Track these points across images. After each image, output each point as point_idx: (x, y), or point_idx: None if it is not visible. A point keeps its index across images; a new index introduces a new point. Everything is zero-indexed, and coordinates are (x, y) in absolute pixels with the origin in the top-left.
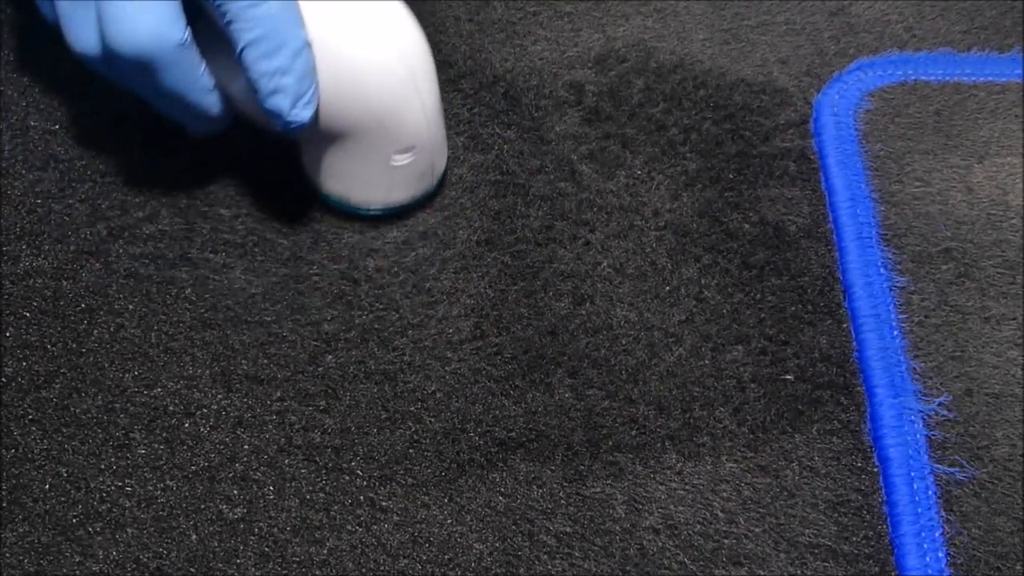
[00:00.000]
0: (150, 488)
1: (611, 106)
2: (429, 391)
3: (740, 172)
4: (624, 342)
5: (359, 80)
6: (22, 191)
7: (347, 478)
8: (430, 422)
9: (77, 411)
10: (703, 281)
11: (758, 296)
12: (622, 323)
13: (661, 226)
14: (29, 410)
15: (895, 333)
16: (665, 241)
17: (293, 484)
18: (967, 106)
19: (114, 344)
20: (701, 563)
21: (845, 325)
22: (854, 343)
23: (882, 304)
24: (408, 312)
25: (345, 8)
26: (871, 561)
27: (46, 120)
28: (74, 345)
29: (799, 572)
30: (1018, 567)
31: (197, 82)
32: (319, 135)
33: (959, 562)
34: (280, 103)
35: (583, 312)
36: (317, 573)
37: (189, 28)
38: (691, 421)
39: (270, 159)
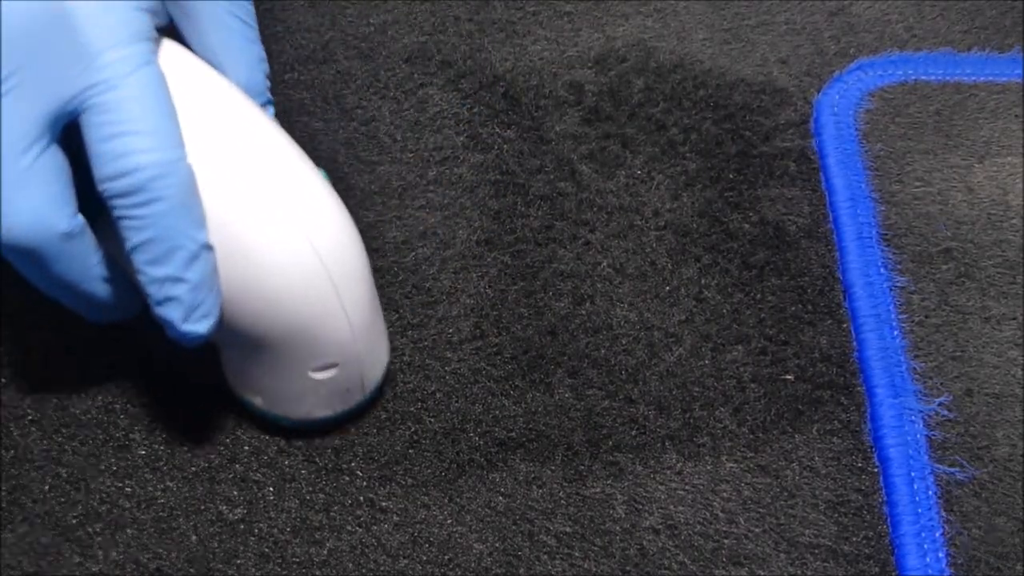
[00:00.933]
0: (150, 488)
1: (611, 106)
2: (429, 391)
3: (740, 172)
4: (624, 342)
5: (269, 287)
6: None
7: (347, 478)
8: (430, 422)
9: (77, 411)
10: (703, 281)
11: (758, 296)
12: (622, 323)
13: (661, 226)
14: (29, 410)
15: (895, 333)
16: (665, 241)
17: (293, 484)
18: (967, 106)
19: (114, 344)
20: (701, 563)
21: (845, 325)
22: (854, 343)
23: (882, 304)
24: (408, 312)
25: (256, 200)
26: (871, 561)
27: None
28: (74, 345)
29: (799, 572)
30: (1018, 567)
31: (89, 272)
32: (223, 341)
33: (959, 562)
34: (171, 314)
35: (583, 312)
36: (317, 573)
37: (80, 215)
38: (691, 421)
39: None
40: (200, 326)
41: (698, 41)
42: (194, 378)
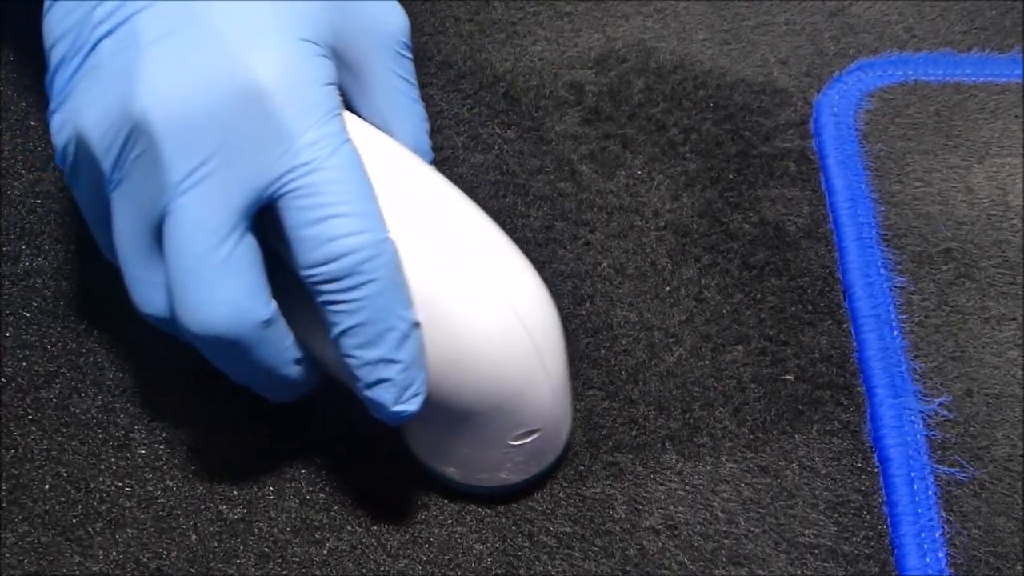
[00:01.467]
0: (150, 488)
1: (611, 106)
2: None
3: (740, 172)
4: (624, 342)
5: (475, 359)
6: (22, 191)
7: (347, 478)
8: None
9: (77, 411)
10: (703, 281)
11: (758, 296)
12: (622, 323)
13: (661, 226)
14: (29, 410)
15: (895, 333)
16: (665, 241)
17: (293, 484)
18: (967, 106)
19: (114, 344)
20: (701, 563)
21: (845, 325)
22: (854, 343)
23: (882, 304)
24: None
25: (458, 273)
26: (871, 561)
27: (46, 120)
28: (74, 345)
29: (799, 572)
30: (1018, 567)
31: (281, 356)
32: (425, 416)
33: (959, 562)
34: (384, 395)
35: (583, 312)
36: (317, 573)
37: (273, 301)
38: (691, 421)
39: None
40: (411, 405)
41: (698, 41)
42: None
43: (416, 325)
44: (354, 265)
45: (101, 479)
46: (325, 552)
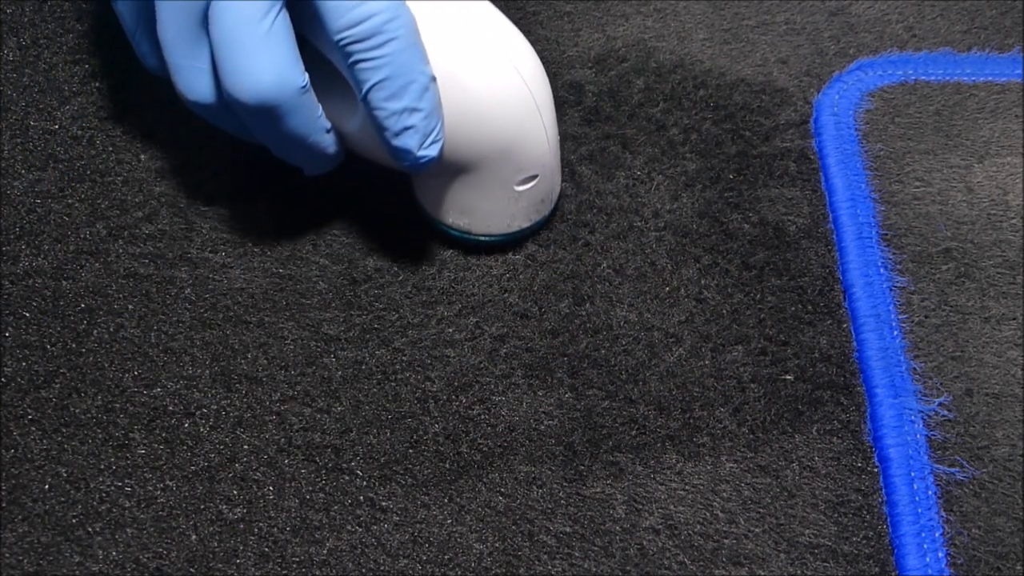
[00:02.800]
0: (150, 488)
1: (611, 106)
2: (429, 391)
3: (740, 172)
4: (624, 342)
5: (484, 111)
6: (22, 191)
7: (347, 478)
8: (430, 422)
9: (77, 411)
10: (703, 282)
11: (758, 296)
12: (622, 323)
13: (661, 227)
14: (29, 410)
15: (895, 333)
16: (665, 242)
17: (293, 484)
18: (967, 106)
19: (114, 344)
20: (701, 563)
21: (845, 325)
22: (854, 343)
23: (882, 304)
24: (408, 312)
25: (466, 38)
26: (871, 561)
27: (46, 120)
28: (74, 345)
29: (799, 572)
30: (1018, 567)
31: (316, 123)
32: (440, 168)
33: (959, 562)
34: (409, 141)
35: (583, 313)
36: (317, 573)
37: (306, 72)
38: (691, 421)
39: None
40: (432, 150)
41: (698, 41)
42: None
43: (433, 79)
44: (379, 25)
45: (101, 479)
46: (325, 552)
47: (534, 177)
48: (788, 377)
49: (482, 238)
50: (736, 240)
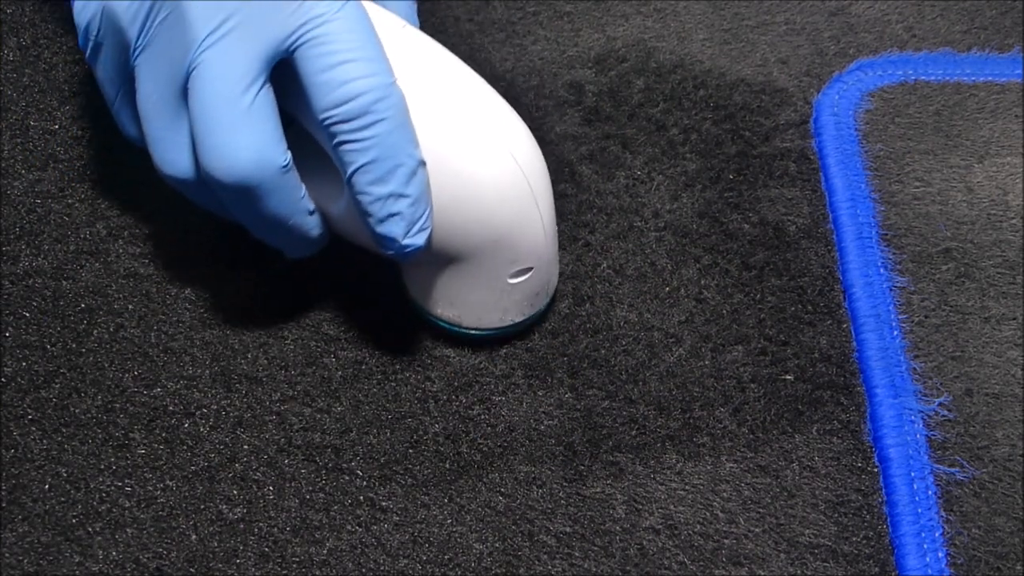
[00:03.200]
0: (150, 488)
1: (611, 106)
2: (429, 391)
3: (740, 172)
4: (624, 342)
5: (477, 199)
6: (22, 191)
7: (347, 478)
8: (430, 422)
9: (77, 411)
10: (703, 282)
11: (758, 296)
12: (622, 324)
13: (661, 227)
14: (29, 410)
15: (895, 333)
16: (665, 242)
17: (293, 484)
18: (967, 106)
19: (114, 344)
20: (701, 563)
21: (845, 325)
22: (854, 343)
23: (882, 304)
24: (408, 311)
25: (459, 121)
26: (871, 561)
27: (46, 120)
28: (74, 345)
29: (799, 572)
30: (1018, 567)
31: (298, 204)
32: (428, 257)
33: (959, 562)
34: (394, 229)
35: (583, 312)
36: (317, 573)
37: (289, 151)
38: (691, 421)
39: None
40: (419, 239)
41: (698, 41)
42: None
43: (422, 163)
44: (367, 105)
45: (101, 479)
46: (325, 552)
47: (529, 270)
48: (788, 377)
49: (472, 332)
50: (736, 240)
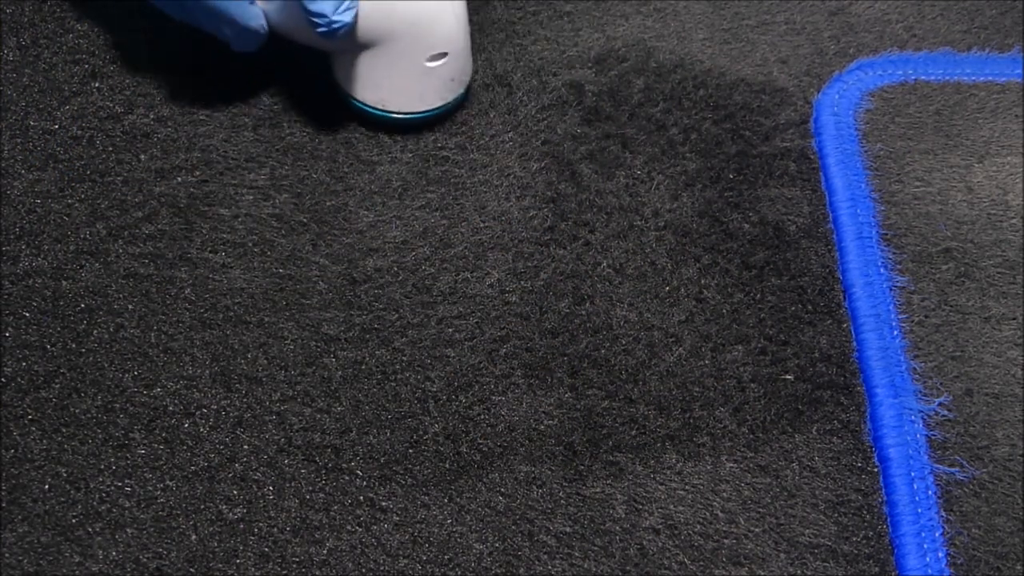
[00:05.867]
0: (150, 488)
1: (611, 106)
2: (429, 391)
3: (740, 172)
4: (624, 342)
5: None
6: (22, 191)
7: (347, 478)
8: (430, 422)
9: (77, 411)
10: (703, 281)
11: (758, 296)
12: (622, 323)
13: (661, 226)
14: (29, 410)
15: (895, 333)
16: (665, 241)
17: (293, 484)
18: (967, 106)
19: (114, 344)
20: (701, 563)
21: (845, 325)
22: (854, 343)
23: (882, 304)
24: (408, 312)
25: None
26: (871, 561)
27: (46, 120)
28: (74, 345)
29: (799, 572)
30: (1018, 567)
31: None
32: (354, 44)
33: (959, 562)
34: (324, 7)
35: (583, 312)
36: (317, 573)
37: None
38: (691, 421)
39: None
40: (347, 15)
41: (698, 41)
42: None
43: None
44: None
45: (101, 479)
46: (325, 552)
47: (444, 55)
48: (788, 377)
49: (396, 115)
50: (736, 240)
